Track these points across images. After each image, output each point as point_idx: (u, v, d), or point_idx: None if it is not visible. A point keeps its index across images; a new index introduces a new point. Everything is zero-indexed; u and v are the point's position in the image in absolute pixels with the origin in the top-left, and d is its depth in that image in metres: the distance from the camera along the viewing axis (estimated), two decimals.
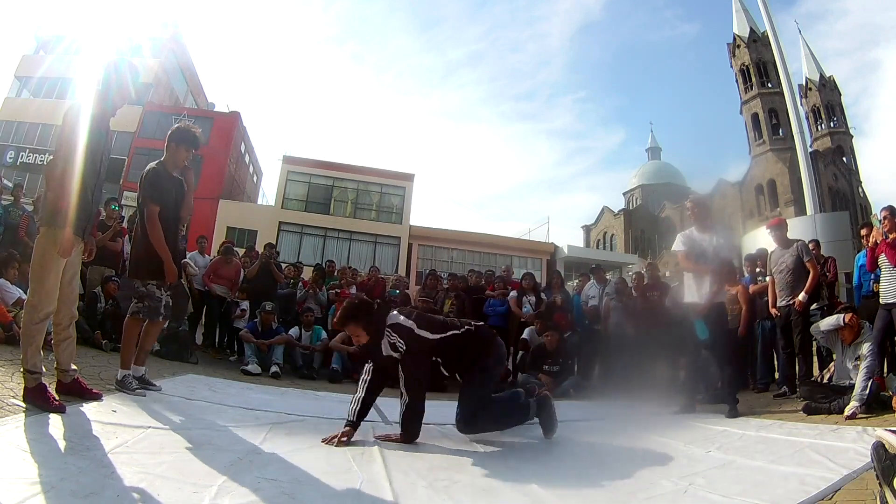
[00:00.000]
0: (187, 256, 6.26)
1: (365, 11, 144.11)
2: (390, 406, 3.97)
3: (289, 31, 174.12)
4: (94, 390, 2.86)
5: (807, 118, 39.57)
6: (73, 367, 2.83)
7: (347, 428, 2.58)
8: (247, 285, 6.68)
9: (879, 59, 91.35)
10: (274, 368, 5.28)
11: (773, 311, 4.95)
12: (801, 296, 4.64)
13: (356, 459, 2.23)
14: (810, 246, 5.11)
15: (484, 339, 2.87)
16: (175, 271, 3.41)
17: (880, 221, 4.39)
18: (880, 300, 4.13)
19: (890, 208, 4.31)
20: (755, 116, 41.45)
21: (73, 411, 2.44)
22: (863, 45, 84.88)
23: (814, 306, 4.93)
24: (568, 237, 63.75)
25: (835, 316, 4.05)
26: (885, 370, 4.23)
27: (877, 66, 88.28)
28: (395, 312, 2.78)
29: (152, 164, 3.44)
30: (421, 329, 2.69)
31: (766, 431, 3.29)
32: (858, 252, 5.41)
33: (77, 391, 2.77)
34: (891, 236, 4.19)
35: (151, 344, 3.61)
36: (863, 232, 5.06)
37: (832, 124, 42.25)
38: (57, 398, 2.50)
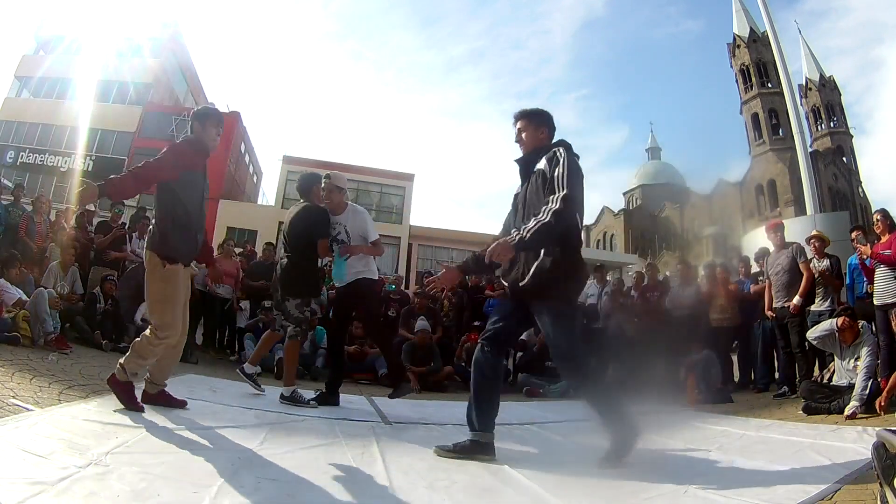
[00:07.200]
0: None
1: (365, 8, 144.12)
2: (390, 406, 3.98)
3: (288, 29, 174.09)
4: (179, 398, 2.89)
5: (807, 118, 39.58)
6: (166, 381, 2.88)
7: None
8: (248, 285, 6.68)
9: (883, 56, 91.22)
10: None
11: (768, 313, 4.97)
12: (797, 299, 4.68)
13: (356, 459, 2.22)
14: (816, 245, 5.09)
15: None
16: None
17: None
18: (874, 301, 4.14)
19: (882, 211, 4.37)
20: (755, 116, 41.48)
21: (74, 412, 2.43)
22: (866, 42, 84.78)
23: (823, 306, 4.89)
24: None
25: (828, 321, 4.05)
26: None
27: (880, 65, 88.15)
28: None
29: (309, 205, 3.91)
30: None
31: (766, 431, 3.29)
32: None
33: (164, 401, 2.82)
34: (883, 237, 4.22)
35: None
36: (853, 234, 4.79)
37: (832, 124, 42.27)
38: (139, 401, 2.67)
